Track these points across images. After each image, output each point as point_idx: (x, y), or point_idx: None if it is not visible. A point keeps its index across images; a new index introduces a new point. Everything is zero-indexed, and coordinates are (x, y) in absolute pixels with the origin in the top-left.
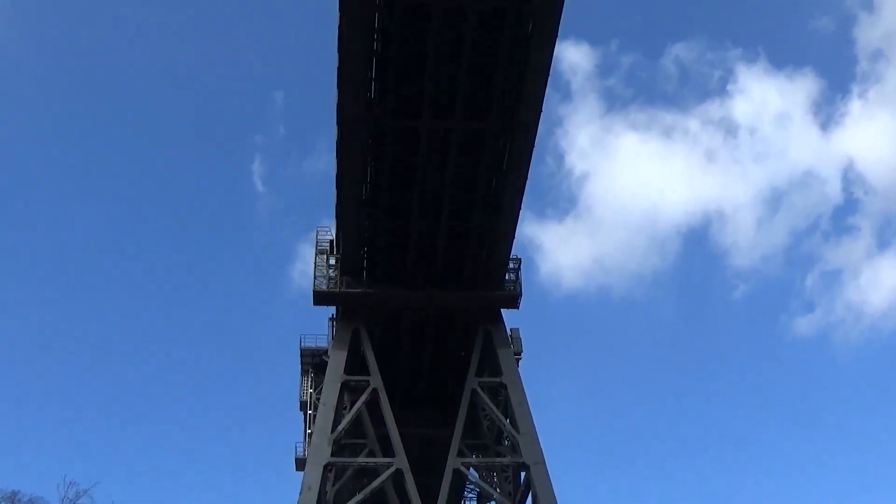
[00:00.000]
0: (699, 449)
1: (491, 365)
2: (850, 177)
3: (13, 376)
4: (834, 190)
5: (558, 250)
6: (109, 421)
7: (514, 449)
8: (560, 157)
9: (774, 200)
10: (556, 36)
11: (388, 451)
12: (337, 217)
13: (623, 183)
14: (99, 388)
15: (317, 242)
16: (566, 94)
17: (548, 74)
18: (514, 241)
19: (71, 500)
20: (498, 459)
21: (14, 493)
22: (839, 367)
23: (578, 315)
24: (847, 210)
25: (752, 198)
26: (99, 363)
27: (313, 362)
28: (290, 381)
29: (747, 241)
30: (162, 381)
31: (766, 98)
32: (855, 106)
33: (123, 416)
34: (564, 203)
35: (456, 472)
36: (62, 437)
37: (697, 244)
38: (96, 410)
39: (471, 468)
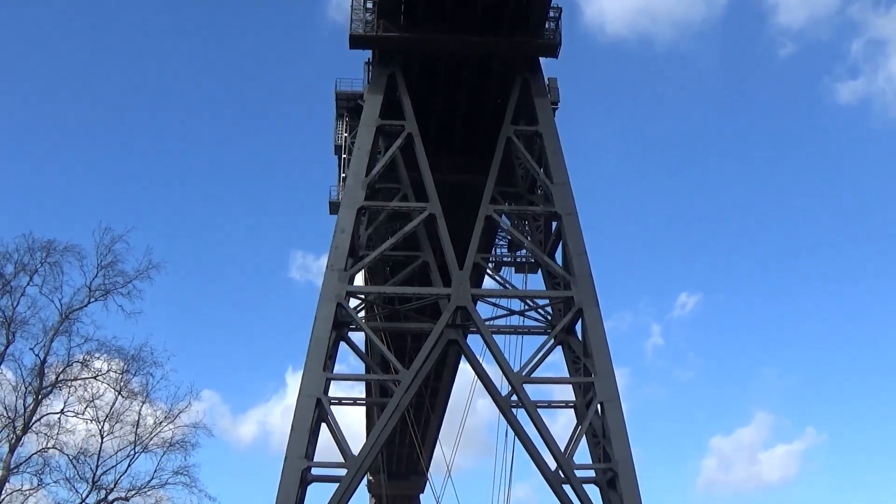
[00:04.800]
0: (730, 206)
1: (527, 114)
2: None
3: (44, 127)
4: None
5: None
6: (144, 166)
7: (547, 198)
8: None
9: None
10: None
11: (421, 196)
12: None
13: None
14: (132, 135)
15: None
16: None
17: None
18: None
19: (106, 247)
20: (530, 208)
21: (49, 243)
22: (876, 138)
23: (620, 64)
24: None
25: None
26: (132, 110)
27: (348, 106)
28: (325, 125)
29: (797, 0)
30: (198, 125)
31: None
32: None
33: (157, 161)
34: None
35: (488, 218)
36: (96, 186)
37: None
38: (130, 157)
39: (503, 216)
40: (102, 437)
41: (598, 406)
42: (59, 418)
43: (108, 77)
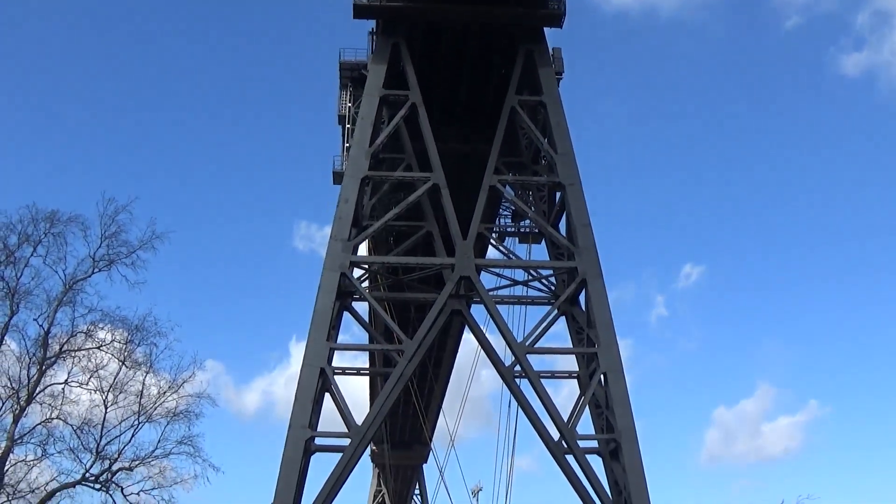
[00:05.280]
0: (735, 178)
1: (531, 84)
2: None
3: (49, 96)
4: None
5: None
6: (147, 138)
7: (551, 168)
8: None
9: None
10: None
11: (425, 166)
12: None
13: None
14: (136, 108)
15: None
16: None
17: None
18: None
19: (110, 217)
20: (534, 178)
21: (53, 213)
22: (881, 109)
23: (625, 34)
24: None
25: None
26: (135, 85)
27: (352, 76)
28: (329, 95)
29: None
30: (202, 96)
31: None
32: None
33: (161, 133)
34: None
35: (492, 188)
36: (100, 157)
37: None
38: (134, 129)
39: (507, 186)
40: (106, 408)
41: (602, 376)
42: (63, 389)
43: (112, 47)
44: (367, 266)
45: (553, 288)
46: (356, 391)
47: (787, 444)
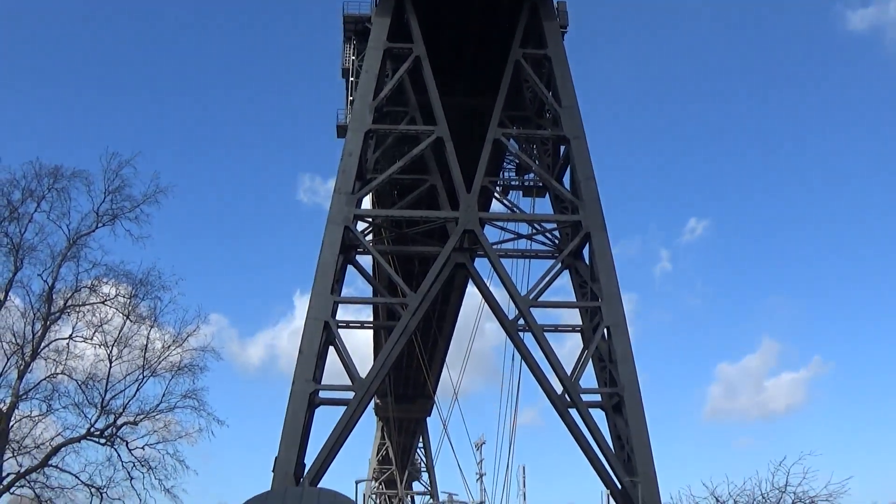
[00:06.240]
0: (740, 132)
1: (536, 37)
2: None
3: (52, 49)
4: None
5: None
6: (152, 91)
7: (556, 122)
8: None
9: None
10: None
11: (429, 119)
12: None
13: None
14: (140, 61)
15: None
16: None
17: None
18: None
19: (114, 172)
20: (539, 132)
21: (57, 169)
22: (888, 65)
23: None
24: None
25: None
26: (140, 39)
27: (356, 29)
28: (333, 48)
29: None
30: (205, 49)
31: None
32: None
33: (165, 87)
34: None
35: (496, 142)
36: (104, 111)
37: None
38: (138, 82)
39: (511, 139)
40: (111, 362)
41: (605, 330)
42: (68, 344)
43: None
44: (370, 219)
45: (557, 242)
46: (360, 345)
47: (790, 401)
